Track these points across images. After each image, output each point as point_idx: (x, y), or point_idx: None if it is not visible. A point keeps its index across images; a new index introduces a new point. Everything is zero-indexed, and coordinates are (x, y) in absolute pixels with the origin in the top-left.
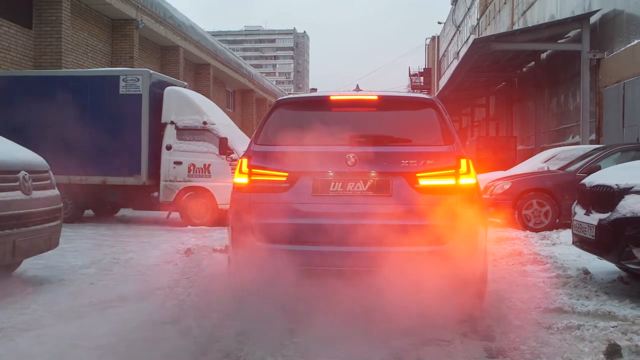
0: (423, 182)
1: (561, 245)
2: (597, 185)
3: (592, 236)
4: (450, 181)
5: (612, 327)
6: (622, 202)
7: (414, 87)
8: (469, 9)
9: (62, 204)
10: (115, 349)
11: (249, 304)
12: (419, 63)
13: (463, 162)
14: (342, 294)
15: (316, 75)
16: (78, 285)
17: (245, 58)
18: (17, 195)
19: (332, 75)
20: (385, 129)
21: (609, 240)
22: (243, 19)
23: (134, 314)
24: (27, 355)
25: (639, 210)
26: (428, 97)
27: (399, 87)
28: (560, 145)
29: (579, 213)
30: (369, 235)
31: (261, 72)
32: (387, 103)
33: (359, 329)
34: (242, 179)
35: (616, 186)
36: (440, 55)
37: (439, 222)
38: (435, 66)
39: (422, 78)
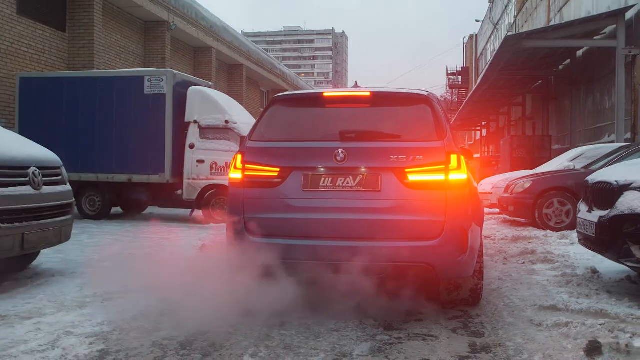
0: (412, 177)
1: (579, 245)
2: (598, 182)
3: (593, 234)
4: (439, 177)
5: (600, 325)
6: (620, 199)
7: (452, 86)
8: (506, 7)
9: (73, 199)
10: (107, 337)
11: (245, 297)
12: (458, 62)
13: (453, 157)
14: (334, 288)
15: (355, 75)
16: (88, 277)
17: (284, 58)
18: (27, 190)
19: (371, 75)
20: (377, 124)
21: (608, 237)
22: (286, 19)
23: (134, 305)
24: (21, 341)
25: (637, 207)
26: (422, 92)
27: (438, 85)
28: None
29: (582, 210)
30: (358, 231)
31: (300, 73)
32: (380, 99)
33: (347, 323)
34: (236, 175)
35: (615, 182)
36: (479, 53)
37: (428, 218)
38: (474, 65)
39: (460, 77)
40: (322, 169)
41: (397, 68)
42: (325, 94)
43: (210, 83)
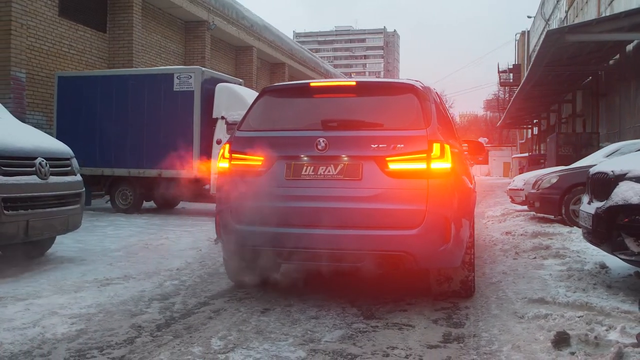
0: (393, 166)
1: None
2: (597, 173)
3: (590, 226)
4: (421, 165)
5: (578, 317)
6: (616, 190)
7: (502, 84)
8: (557, 2)
9: (83, 189)
10: (90, 318)
11: (239, 284)
12: (510, 59)
13: (436, 146)
14: (323, 277)
15: (406, 73)
16: (95, 265)
17: (335, 58)
18: (33, 179)
19: (422, 73)
20: (361, 113)
21: (603, 229)
22: (342, 18)
23: (129, 290)
24: (6, 319)
25: (630, 197)
26: (408, 82)
27: (489, 83)
28: None
29: (583, 202)
30: (339, 219)
31: (351, 72)
32: (366, 89)
33: (329, 311)
34: (223, 164)
35: (612, 173)
36: (530, 50)
37: (409, 206)
38: (525, 62)
39: (511, 74)
40: (304, 158)
41: (449, 65)
42: (312, 85)
43: (241, 80)
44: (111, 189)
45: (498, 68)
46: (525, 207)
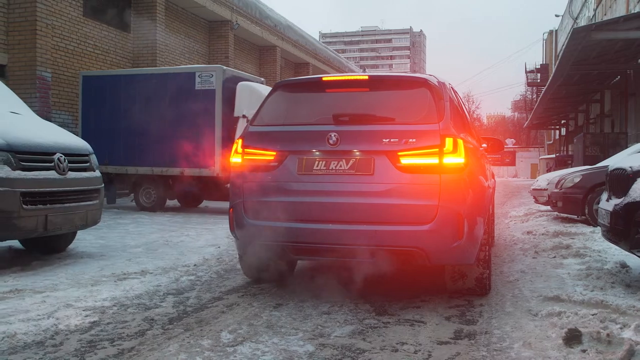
0: (405, 160)
1: None
2: (615, 169)
3: (608, 223)
4: (433, 160)
5: (592, 315)
6: (634, 186)
7: (530, 84)
8: (585, 0)
9: (102, 185)
10: (104, 311)
11: (254, 280)
12: (537, 59)
13: (449, 140)
14: (338, 273)
15: (433, 73)
16: (114, 260)
17: (361, 58)
18: (51, 174)
19: (449, 73)
20: (373, 108)
21: (621, 226)
22: (372, 19)
23: (145, 284)
24: (23, 310)
25: None
26: (421, 76)
27: (516, 84)
28: None
29: (602, 200)
30: (351, 214)
31: (377, 72)
32: (378, 83)
33: (342, 307)
34: (236, 159)
35: (630, 169)
36: (558, 49)
37: (421, 202)
38: (553, 62)
39: (539, 74)
40: (316, 153)
41: (476, 66)
42: (324, 79)
43: (262, 79)
44: (135, 187)
45: (525, 68)
46: (549, 207)
